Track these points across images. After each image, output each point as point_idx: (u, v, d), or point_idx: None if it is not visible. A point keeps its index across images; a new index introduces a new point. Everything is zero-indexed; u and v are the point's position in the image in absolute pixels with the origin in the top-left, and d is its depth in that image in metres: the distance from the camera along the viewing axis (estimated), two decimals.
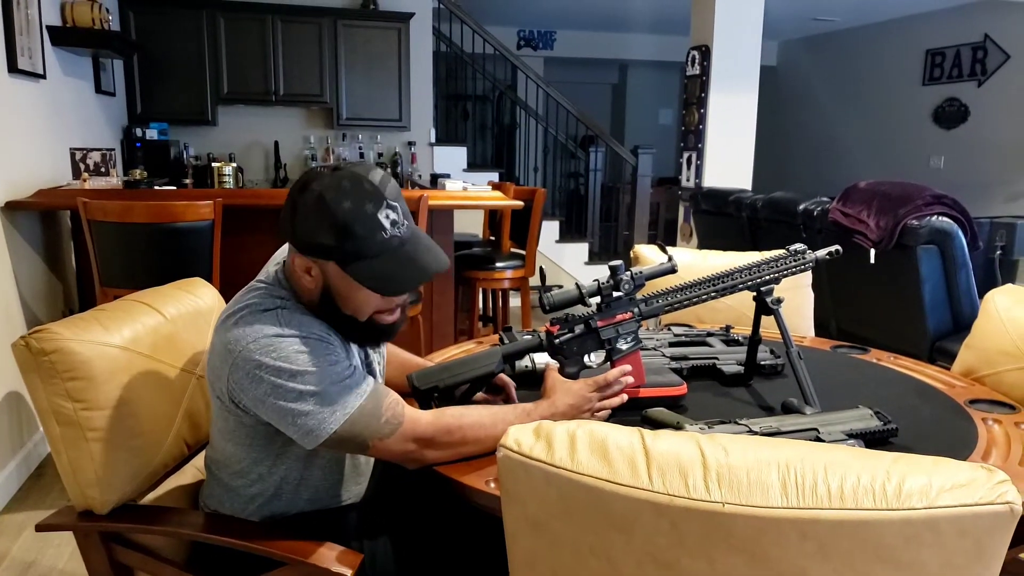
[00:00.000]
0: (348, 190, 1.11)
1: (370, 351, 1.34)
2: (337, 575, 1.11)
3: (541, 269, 1.38)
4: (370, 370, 1.33)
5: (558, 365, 1.36)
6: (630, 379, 1.32)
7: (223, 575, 1.25)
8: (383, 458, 1.19)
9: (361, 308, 1.19)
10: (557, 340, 1.36)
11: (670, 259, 1.39)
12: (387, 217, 1.13)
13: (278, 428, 1.15)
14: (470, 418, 1.19)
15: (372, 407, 1.14)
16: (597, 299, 1.37)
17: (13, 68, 2.91)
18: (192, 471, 1.46)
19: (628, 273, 1.37)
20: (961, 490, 0.69)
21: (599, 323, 1.36)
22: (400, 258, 1.15)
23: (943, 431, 1.32)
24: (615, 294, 1.36)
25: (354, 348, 1.28)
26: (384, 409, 1.15)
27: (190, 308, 1.48)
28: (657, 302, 1.39)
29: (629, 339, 1.37)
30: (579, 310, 1.38)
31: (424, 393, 1.33)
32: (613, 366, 1.36)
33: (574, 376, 1.36)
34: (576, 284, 1.35)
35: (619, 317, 1.36)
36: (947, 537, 0.69)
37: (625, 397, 1.31)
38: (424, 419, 1.17)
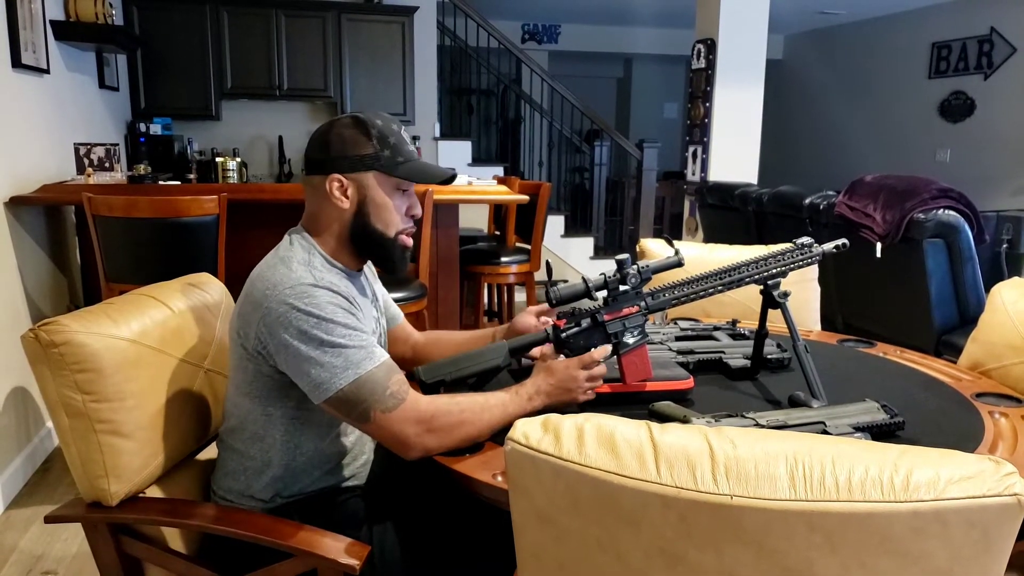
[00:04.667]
0: (374, 115, 1.30)
1: (379, 327, 1.39)
2: (345, 566, 1.11)
3: (548, 264, 1.38)
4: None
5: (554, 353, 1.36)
6: (606, 352, 1.34)
7: (232, 565, 1.25)
8: (383, 437, 1.21)
9: (391, 219, 1.31)
10: (564, 334, 1.36)
11: (677, 253, 1.39)
12: (406, 135, 1.33)
13: (292, 379, 1.20)
14: (463, 401, 1.22)
15: (381, 376, 1.18)
16: (604, 293, 1.37)
17: (17, 63, 2.91)
18: (200, 465, 1.47)
19: (635, 267, 1.37)
20: (969, 482, 0.68)
21: (606, 317, 1.36)
22: (424, 162, 1.34)
23: (950, 424, 1.32)
24: (622, 288, 1.36)
25: (371, 323, 1.32)
26: (391, 382, 1.19)
27: (197, 302, 1.49)
28: (664, 296, 1.39)
29: (636, 333, 1.37)
30: (586, 304, 1.38)
31: (430, 387, 1.33)
32: (620, 360, 1.36)
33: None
34: (583, 278, 1.35)
35: (626, 311, 1.36)
36: (955, 529, 0.69)
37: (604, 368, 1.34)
38: (423, 400, 1.21)
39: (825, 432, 1.17)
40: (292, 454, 1.29)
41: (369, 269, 1.45)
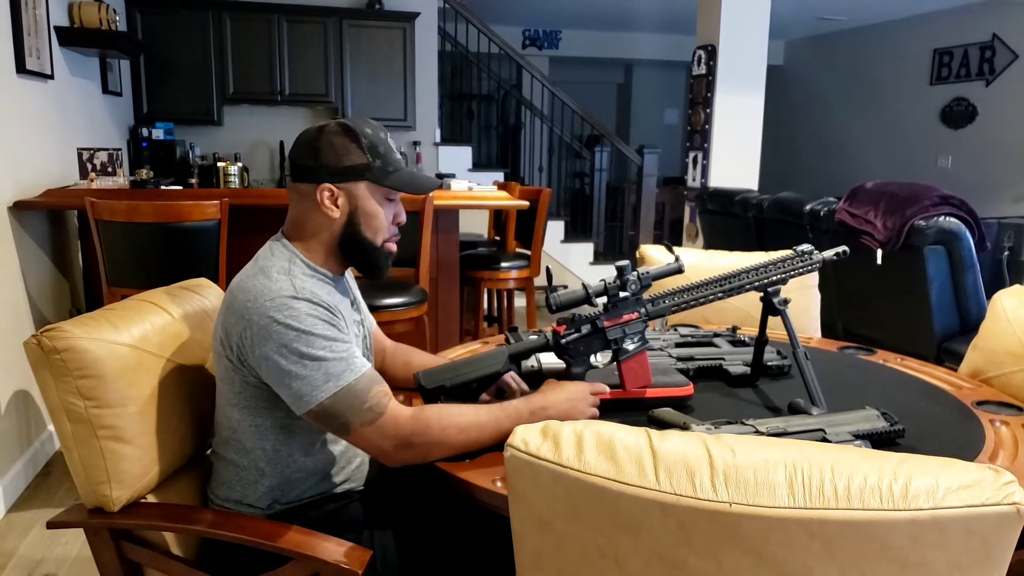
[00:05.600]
0: (363, 123, 1.30)
1: (362, 330, 1.39)
2: (346, 571, 1.11)
3: (548, 269, 1.39)
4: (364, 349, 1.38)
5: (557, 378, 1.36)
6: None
7: (233, 570, 1.26)
8: (363, 448, 1.22)
9: (381, 227, 1.31)
10: (563, 340, 1.37)
11: (677, 259, 1.39)
12: (393, 143, 1.33)
13: (276, 391, 1.20)
14: (447, 419, 1.20)
15: (361, 389, 1.18)
16: (604, 299, 1.37)
17: (21, 68, 2.92)
18: (200, 470, 1.47)
19: (635, 273, 1.37)
20: (968, 491, 0.69)
21: (606, 323, 1.36)
22: (412, 171, 1.35)
23: (950, 432, 1.32)
24: (622, 294, 1.37)
25: (353, 328, 1.31)
26: (371, 395, 1.18)
27: (196, 308, 1.49)
28: (664, 302, 1.39)
29: (636, 339, 1.37)
30: (586, 310, 1.38)
31: (431, 392, 1.34)
32: (619, 366, 1.36)
33: (580, 376, 1.36)
34: (583, 284, 1.35)
35: (626, 317, 1.37)
36: (954, 537, 0.69)
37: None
38: (403, 414, 1.19)
39: (825, 440, 1.17)
40: (284, 462, 1.30)
41: (349, 273, 1.44)
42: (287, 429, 1.28)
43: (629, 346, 1.36)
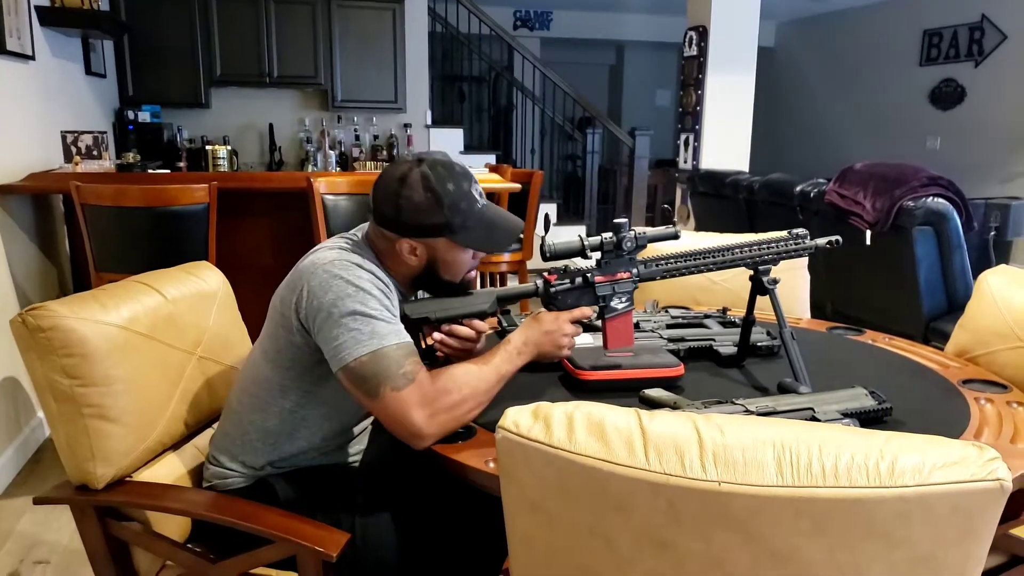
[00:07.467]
0: (447, 175, 1.29)
1: None
2: (322, 554, 1.13)
3: (546, 216, 1.39)
4: None
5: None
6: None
7: (225, 548, 1.26)
8: (390, 416, 1.20)
9: (460, 271, 1.37)
10: (553, 289, 1.36)
11: (674, 224, 1.39)
12: (476, 191, 1.33)
13: (319, 344, 1.23)
14: (460, 377, 1.23)
15: (399, 355, 1.20)
16: (598, 255, 1.37)
17: (1, 49, 2.87)
18: (192, 451, 1.47)
19: (631, 232, 1.37)
20: (953, 467, 0.69)
21: (597, 278, 1.36)
22: (492, 222, 1.35)
23: (936, 410, 1.33)
24: (616, 251, 1.37)
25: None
26: (407, 362, 1.21)
27: (193, 290, 1.49)
28: (656, 266, 1.39)
29: (624, 299, 1.37)
30: (579, 263, 1.38)
31: (414, 323, 1.33)
32: (604, 324, 1.37)
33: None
34: (578, 236, 1.36)
35: (618, 275, 1.37)
36: (939, 513, 0.70)
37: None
38: (428, 380, 1.22)
39: (814, 418, 1.18)
40: (294, 427, 1.33)
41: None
42: (310, 394, 1.32)
43: (617, 305, 1.37)
